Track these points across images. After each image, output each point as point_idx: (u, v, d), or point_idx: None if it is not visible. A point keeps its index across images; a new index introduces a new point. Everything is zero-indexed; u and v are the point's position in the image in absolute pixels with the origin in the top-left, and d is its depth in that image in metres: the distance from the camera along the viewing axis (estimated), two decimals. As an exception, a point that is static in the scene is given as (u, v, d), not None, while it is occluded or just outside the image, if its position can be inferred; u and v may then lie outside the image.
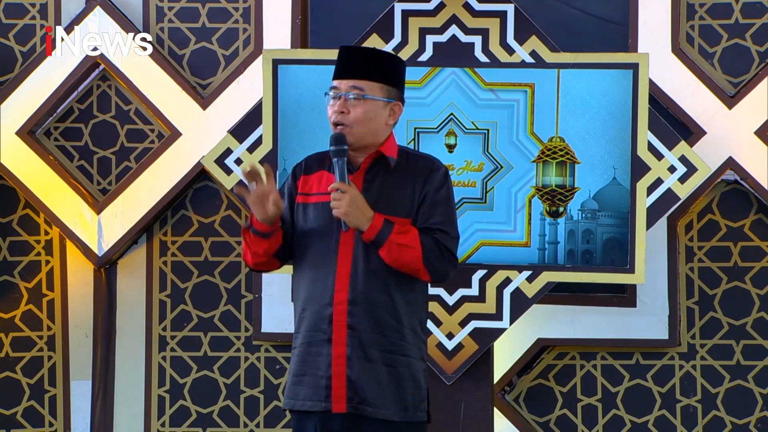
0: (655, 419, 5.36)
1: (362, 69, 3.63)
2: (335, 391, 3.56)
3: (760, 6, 5.27)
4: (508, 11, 5.01)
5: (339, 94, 3.62)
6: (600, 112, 4.96)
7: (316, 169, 3.69)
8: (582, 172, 4.98)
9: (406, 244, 3.55)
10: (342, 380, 3.55)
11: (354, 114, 3.61)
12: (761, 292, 5.31)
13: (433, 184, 3.64)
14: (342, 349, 3.56)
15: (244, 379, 5.48)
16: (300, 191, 3.68)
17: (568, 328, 5.29)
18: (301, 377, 3.61)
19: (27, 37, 5.52)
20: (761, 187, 5.19)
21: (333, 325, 3.57)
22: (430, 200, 3.62)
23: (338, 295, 3.57)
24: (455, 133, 5.03)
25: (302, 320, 3.63)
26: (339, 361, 3.56)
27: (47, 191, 5.43)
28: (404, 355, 3.60)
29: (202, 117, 5.40)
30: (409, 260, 3.56)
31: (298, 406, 3.61)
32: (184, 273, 5.49)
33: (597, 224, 4.99)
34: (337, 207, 3.53)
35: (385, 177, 3.64)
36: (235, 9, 5.47)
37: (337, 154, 3.57)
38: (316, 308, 3.59)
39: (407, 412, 3.59)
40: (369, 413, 3.55)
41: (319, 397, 3.57)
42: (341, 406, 3.55)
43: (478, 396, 5.11)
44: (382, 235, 3.54)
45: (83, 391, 5.52)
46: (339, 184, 3.55)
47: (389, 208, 3.59)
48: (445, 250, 3.60)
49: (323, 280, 3.59)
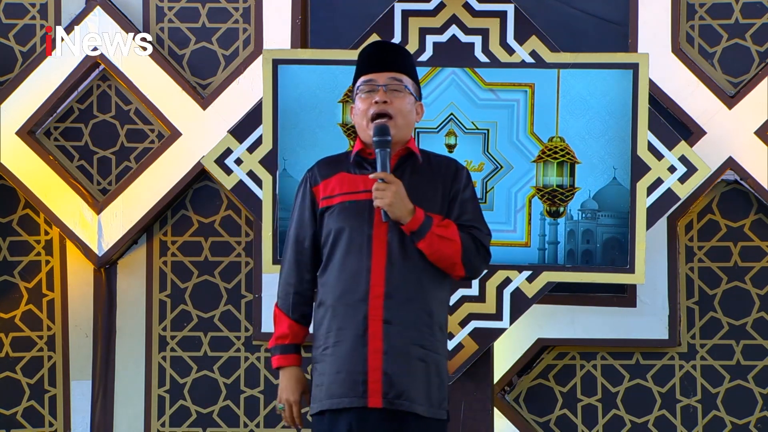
0: (655, 419, 5.36)
1: (399, 63, 3.63)
2: (371, 386, 3.53)
3: (760, 6, 5.27)
4: (508, 11, 5.01)
5: (378, 85, 3.59)
6: (600, 112, 4.96)
7: (334, 172, 3.67)
8: (582, 172, 4.98)
9: (447, 237, 3.55)
10: (378, 374, 3.53)
11: (397, 104, 3.59)
12: (761, 292, 5.31)
13: (461, 182, 3.66)
14: (378, 344, 3.54)
15: (244, 379, 5.48)
16: (322, 196, 3.65)
17: (568, 328, 5.29)
18: (336, 374, 3.57)
19: (27, 37, 5.52)
20: (761, 187, 5.19)
21: (369, 320, 3.55)
22: (460, 198, 3.64)
23: (374, 290, 3.55)
24: (455, 133, 5.03)
25: (334, 318, 3.59)
26: (375, 356, 3.54)
27: (47, 191, 5.43)
28: (434, 351, 3.61)
29: (202, 117, 5.40)
30: (448, 253, 3.57)
31: (336, 405, 3.56)
32: (184, 273, 5.49)
33: (597, 224, 4.99)
34: (381, 197, 3.51)
35: (413, 174, 3.64)
36: (235, 9, 5.47)
37: (380, 145, 3.54)
38: (347, 304, 3.57)
39: (434, 408, 3.60)
40: (405, 407, 3.54)
41: (356, 393, 3.54)
42: (377, 401, 3.53)
43: (478, 396, 5.11)
44: (424, 226, 3.53)
45: (83, 391, 5.52)
46: (383, 174, 3.52)
47: (422, 204, 3.58)
48: (480, 246, 3.63)
49: (354, 277, 3.57)
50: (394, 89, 3.59)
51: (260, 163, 5.11)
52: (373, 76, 3.60)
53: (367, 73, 3.62)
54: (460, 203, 3.64)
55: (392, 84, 3.60)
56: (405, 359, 3.55)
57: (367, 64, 3.64)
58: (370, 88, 3.60)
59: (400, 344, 3.55)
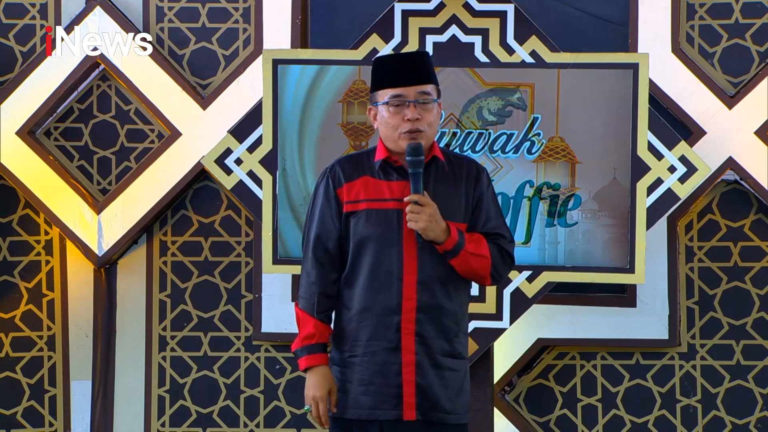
0: (655, 419, 5.36)
1: (424, 74, 3.64)
2: (406, 399, 3.57)
3: (760, 6, 5.27)
4: (508, 11, 5.01)
5: (408, 101, 3.60)
6: (600, 112, 4.96)
7: (357, 174, 3.67)
8: (582, 172, 4.98)
9: (479, 254, 3.60)
10: (412, 387, 3.57)
11: (428, 119, 3.62)
12: (761, 292, 5.31)
13: (483, 186, 3.70)
14: (411, 357, 3.58)
15: (244, 379, 5.48)
16: (346, 200, 3.65)
17: (568, 328, 5.29)
18: (368, 386, 3.60)
19: (27, 37, 5.52)
20: (761, 187, 5.19)
21: (402, 333, 3.58)
22: (484, 204, 3.67)
23: (407, 303, 3.57)
24: (455, 133, 5.03)
25: (362, 329, 3.61)
26: (408, 369, 3.57)
27: (47, 191, 5.43)
28: (462, 358, 3.67)
29: (202, 117, 5.40)
30: (478, 268, 3.61)
31: (366, 415, 3.60)
32: (184, 273, 5.49)
33: (597, 224, 4.99)
34: (416, 220, 3.53)
35: (438, 181, 3.65)
36: (235, 9, 5.46)
37: (414, 165, 3.56)
38: (379, 316, 3.59)
39: (459, 414, 3.65)
40: (439, 419, 3.59)
41: (389, 405, 3.58)
42: (411, 414, 3.58)
43: (478, 396, 5.10)
44: (458, 246, 3.57)
45: (83, 391, 5.52)
46: (417, 197, 3.55)
47: (448, 214, 3.60)
48: (506, 256, 3.68)
49: (385, 287, 3.59)
50: (423, 103, 3.62)
51: (260, 163, 5.11)
52: (402, 91, 3.61)
53: (395, 86, 3.62)
54: (484, 209, 3.68)
55: (422, 98, 3.61)
56: (438, 371, 3.60)
57: (394, 76, 3.63)
58: (400, 102, 3.61)
59: (433, 356, 3.60)
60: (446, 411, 3.60)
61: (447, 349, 3.61)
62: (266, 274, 5.23)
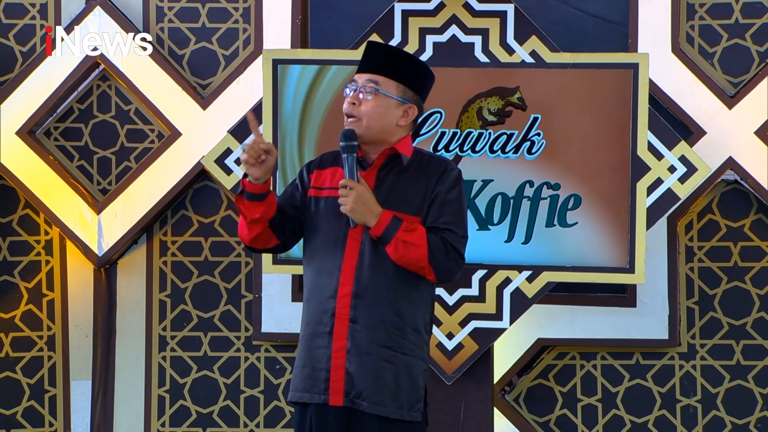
0: (655, 419, 5.36)
1: (380, 64, 3.64)
2: (333, 384, 3.57)
3: (760, 6, 5.27)
4: (508, 11, 5.01)
5: (355, 87, 3.64)
6: (600, 112, 4.96)
7: (330, 165, 3.70)
8: (582, 172, 4.98)
9: (412, 242, 3.56)
10: (341, 373, 3.56)
11: (365, 107, 3.62)
12: (761, 292, 5.31)
13: (446, 184, 3.64)
14: (342, 342, 3.57)
15: (244, 379, 5.48)
16: (313, 185, 3.69)
17: (568, 328, 5.29)
18: (302, 368, 3.63)
19: (27, 37, 5.52)
20: (761, 187, 5.20)
21: (335, 318, 3.58)
22: (441, 199, 3.63)
23: (342, 288, 3.58)
24: (455, 133, 5.02)
25: (306, 313, 3.65)
26: (339, 354, 3.57)
27: (47, 191, 5.43)
28: (404, 353, 3.60)
29: (202, 117, 5.40)
30: (414, 258, 3.57)
31: (297, 398, 3.63)
32: (184, 273, 5.49)
33: (597, 224, 4.98)
34: (344, 203, 3.55)
35: (397, 175, 3.65)
36: (235, 9, 5.47)
37: (346, 150, 3.58)
38: (319, 300, 3.61)
39: (402, 410, 3.59)
40: (365, 408, 3.56)
41: (318, 389, 3.58)
42: (338, 399, 3.56)
43: (478, 396, 5.11)
44: (388, 231, 3.56)
45: (83, 391, 5.53)
46: (347, 180, 3.57)
47: (399, 206, 3.60)
48: (452, 249, 3.61)
49: (328, 273, 3.60)
50: (367, 91, 3.63)
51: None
52: (356, 77, 3.66)
53: (356, 72, 3.68)
54: (440, 204, 3.63)
55: (367, 86, 3.63)
56: (369, 359, 3.57)
57: (361, 63, 3.69)
58: (351, 88, 3.65)
59: (365, 344, 3.57)
60: (374, 401, 3.55)
61: (383, 339, 3.57)
62: (266, 274, 5.24)
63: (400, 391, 3.59)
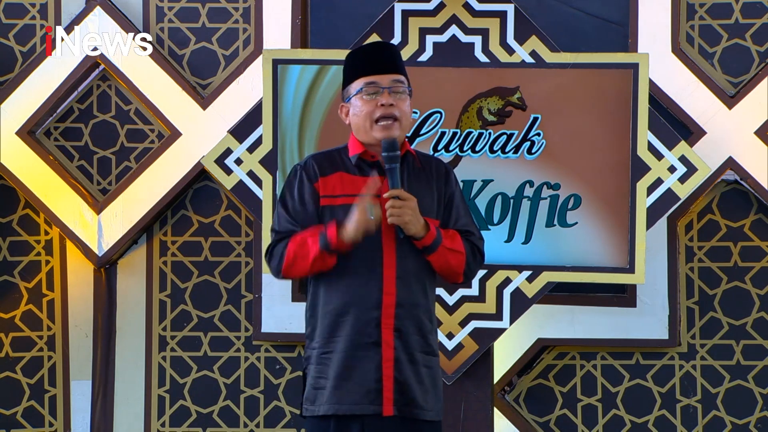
0: (655, 419, 5.36)
1: (398, 64, 3.62)
2: (386, 394, 3.55)
3: (760, 6, 5.27)
4: (508, 11, 5.01)
5: (383, 87, 3.56)
6: (600, 112, 4.96)
7: (332, 170, 3.62)
8: (582, 172, 4.98)
9: (455, 250, 3.59)
10: (391, 383, 3.55)
11: (403, 107, 3.58)
12: (761, 292, 5.31)
13: (452, 185, 3.67)
14: (390, 352, 3.56)
15: (244, 379, 5.48)
16: (323, 194, 3.60)
17: (568, 328, 5.29)
18: (346, 381, 3.57)
19: (27, 37, 5.52)
20: (761, 187, 5.20)
21: (381, 328, 3.56)
22: (455, 202, 3.65)
23: (386, 298, 3.55)
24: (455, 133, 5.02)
25: (341, 324, 3.57)
26: (388, 364, 3.55)
27: (47, 191, 5.43)
28: (435, 355, 3.65)
29: (202, 117, 5.40)
30: (455, 264, 3.60)
31: (344, 411, 3.56)
32: (184, 273, 5.49)
33: (597, 224, 4.98)
34: (398, 215, 3.49)
35: (412, 178, 3.62)
36: (235, 9, 5.47)
37: (391, 160, 3.52)
38: (360, 312, 3.56)
39: (439, 412, 3.64)
40: (415, 415, 3.57)
41: (369, 400, 3.55)
42: (390, 409, 3.55)
43: (478, 396, 5.11)
44: (437, 241, 3.56)
45: (83, 391, 5.52)
46: (398, 191, 3.51)
47: (423, 210, 3.57)
48: (478, 253, 3.66)
49: (366, 284, 3.56)
50: (397, 91, 3.58)
51: (260, 163, 5.11)
52: (376, 78, 3.57)
53: (368, 75, 3.58)
54: (455, 208, 3.66)
55: (396, 86, 3.58)
56: (414, 367, 3.59)
57: (368, 65, 3.60)
58: (374, 90, 3.56)
59: (409, 352, 3.58)
60: (421, 407, 3.58)
61: (423, 345, 3.60)
62: (266, 274, 5.23)
63: (437, 393, 3.65)
